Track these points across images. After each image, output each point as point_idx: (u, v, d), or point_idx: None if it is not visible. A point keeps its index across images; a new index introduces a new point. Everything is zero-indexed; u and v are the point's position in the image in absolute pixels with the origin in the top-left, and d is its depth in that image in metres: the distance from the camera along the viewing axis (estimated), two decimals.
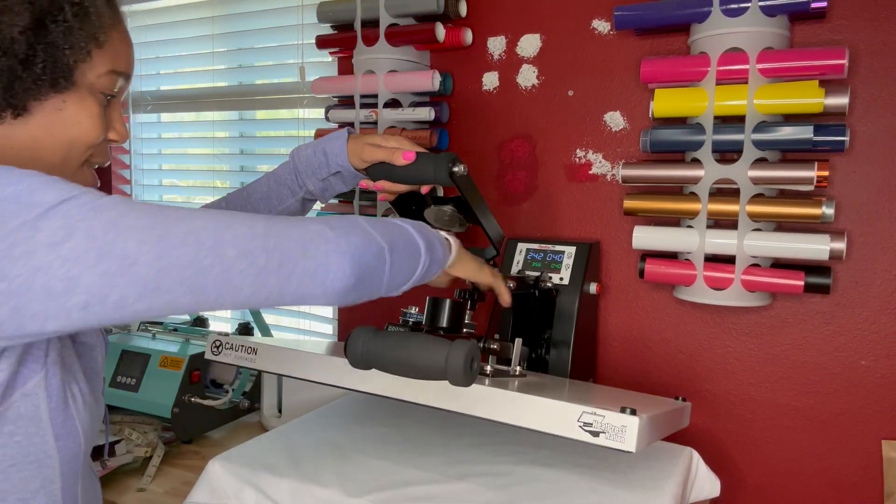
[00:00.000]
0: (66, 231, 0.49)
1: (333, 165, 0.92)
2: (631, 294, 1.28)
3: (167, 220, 0.52)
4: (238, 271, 0.54)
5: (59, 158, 0.66)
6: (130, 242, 0.50)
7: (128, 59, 0.70)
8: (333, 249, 0.59)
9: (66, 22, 0.62)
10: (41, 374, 0.60)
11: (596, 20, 1.27)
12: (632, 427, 0.73)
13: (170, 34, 1.88)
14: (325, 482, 0.92)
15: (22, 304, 0.49)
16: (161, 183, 2.03)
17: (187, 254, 0.52)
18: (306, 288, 0.58)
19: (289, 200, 0.95)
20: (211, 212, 0.56)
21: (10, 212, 0.49)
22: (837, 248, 1.03)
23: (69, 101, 0.64)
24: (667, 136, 1.13)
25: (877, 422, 1.12)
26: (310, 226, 0.60)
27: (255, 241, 0.55)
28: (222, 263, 0.53)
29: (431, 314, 0.93)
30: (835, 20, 1.09)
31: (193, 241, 0.52)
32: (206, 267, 0.53)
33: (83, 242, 0.49)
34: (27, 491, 0.61)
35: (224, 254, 0.53)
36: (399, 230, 0.69)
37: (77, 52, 0.63)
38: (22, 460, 0.60)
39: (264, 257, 0.55)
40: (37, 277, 0.48)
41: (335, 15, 1.40)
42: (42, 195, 0.50)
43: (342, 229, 0.61)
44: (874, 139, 1.09)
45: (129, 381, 1.45)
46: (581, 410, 0.75)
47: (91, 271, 0.49)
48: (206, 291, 0.53)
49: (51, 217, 0.49)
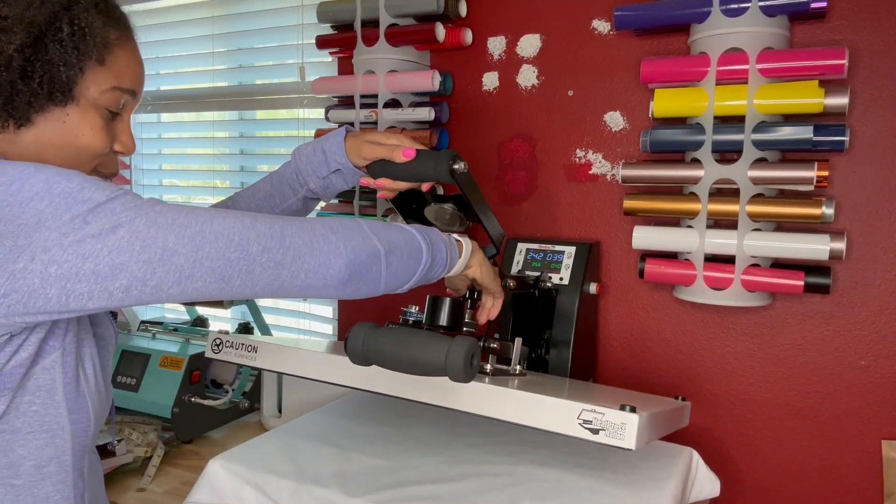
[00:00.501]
0: (113, 225, 0.57)
1: (333, 163, 0.93)
2: (631, 294, 1.28)
3: (201, 219, 0.61)
4: (259, 264, 0.63)
5: (66, 165, 0.68)
6: (170, 237, 0.59)
7: (134, 77, 0.73)
8: (333, 250, 0.68)
9: (62, 41, 0.66)
10: (59, 350, 0.67)
11: (596, 20, 1.27)
12: (631, 424, 0.73)
13: (170, 34, 1.88)
14: (325, 482, 0.92)
15: (70, 286, 0.57)
16: (161, 183, 2.03)
17: (218, 248, 0.61)
18: (311, 280, 0.67)
19: (291, 199, 0.97)
20: (236, 212, 0.64)
21: (62, 206, 0.56)
22: (837, 248, 1.03)
23: (72, 114, 0.68)
24: (667, 136, 1.13)
25: (877, 422, 1.12)
26: (316, 228, 0.68)
27: (273, 239, 0.64)
28: (247, 257, 0.63)
29: (431, 313, 0.93)
30: (835, 20, 1.09)
31: (224, 237, 0.62)
32: (233, 260, 0.62)
33: (128, 235, 0.57)
34: (42, 458, 0.68)
35: (249, 249, 0.63)
36: (401, 233, 0.76)
37: (73, 69, 0.67)
38: (38, 429, 0.67)
39: (280, 254, 0.64)
40: (86, 263, 0.56)
41: (335, 15, 1.40)
42: (91, 193, 0.58)
43: (342, 233, 0.69)
44: (874, 139, 1.09)
45: (129, 381, 1.45)
46: (581, 408, 0.75)
47: (136, 259, 0.58)
48: (231, 280, 0.62)
49: (99, 212, 0.57)
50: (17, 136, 0.67)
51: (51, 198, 0.56)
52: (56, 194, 0.57)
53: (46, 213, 0.56)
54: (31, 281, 0.55)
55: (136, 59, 0.74)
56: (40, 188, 0.57)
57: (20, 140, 0.67)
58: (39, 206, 0.56)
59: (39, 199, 0.56)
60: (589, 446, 1.05)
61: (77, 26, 0.67)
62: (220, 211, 0.64)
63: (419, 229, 0.78)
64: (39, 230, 0.55)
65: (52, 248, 0.55)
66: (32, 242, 0.55)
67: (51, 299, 0.57)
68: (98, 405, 0.73)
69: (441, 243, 0.80)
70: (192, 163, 1.96)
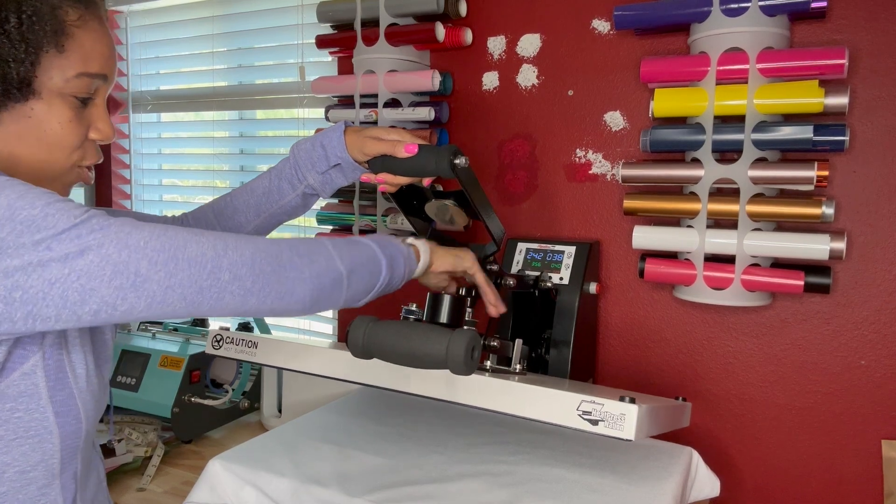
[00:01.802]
0: (80, 249, 0.56)
1: (332, 158, 0.92)
2: (631, 294, 1.28)
3: (173, 244, 0.61)
4: (229, 291, 0.64)
5: (40, 164, 0.66)
6: (143, 262, 0.58)
7: (101, 59, 0.68)
8: (298, 277, 0.69)
9: (9, 34, 0.61)
10: (38, 354, 0.65)
11: (596, 20, 1.27)
12: (631, 415, 0.72)
13: (170, 34, 1.88)
14: (325, 482, 0.92)
15: (37, 310, 0.56)
16: (161, 183, 2.03)
17: (191, 276, 0.61)
18: (276, 305, 0.69)
19: (290, 195, 0.96)
20: (208, 236, 0.64)
21: (24, 233, 0.55)
22: (837, 247, 1.03)
23: (37, 108, 0.65)
24: (667, 135, 1.13)
25: (877, 422, 1.12)
26: (283, 254, 0.69)
27: (244, 267, 0.65)
28: (218, 285, 0.63)
29: (432, 309, 0.93)
30: (835, 20, 1.09)
31: (197, 264, 0.61)
32: (204, 287, 0.62)
33: (97, 259, 0.56)
34: (27, 464, 0.66)
35: (220, 277, 0.63)
36: (363, 251, 0.77)
37: (24, 63, 0.62)
38: (23, 434, 0.65)
39: (250, 282, 0.65)
40: (53, 288, 0.55)
41: (335, 15, 1.40)
42: (55, 219, 0.56)
43: (308, 258, 0.71)
44: (874, 139, 1.09)
45: (129, 381, 1.45)
46: (580, 399, 0.75)
47: (106, 285, 0.57)
48: (200, 305, 0.63)
49: (63, 238, 0.56)
50: None
51: (12, 225, 0.54)
52: (18, 221, 0.55)
53: (8, 241, 0.54)
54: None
55: (101, 38, 0.68)
56: (1, 214, 0.55)
57: None
58: (1, 233, 0.54)
59: (0, 227, 0.54)
60: (589, 445, 1.05)
61: (25, 14, 0.62)
62: (193, 233, 0.63)
63: (380, 244, 0.79)
64: (2, 257, 0.54)
65: (14, 274, 0.54)
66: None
67: (16, 322, 0.56)
68: (91, 405, 0.71)
69: (400, 256, 0.81)
70: (192, 163, 1.96)
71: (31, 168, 0.66)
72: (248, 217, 0.97)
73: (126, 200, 2.04)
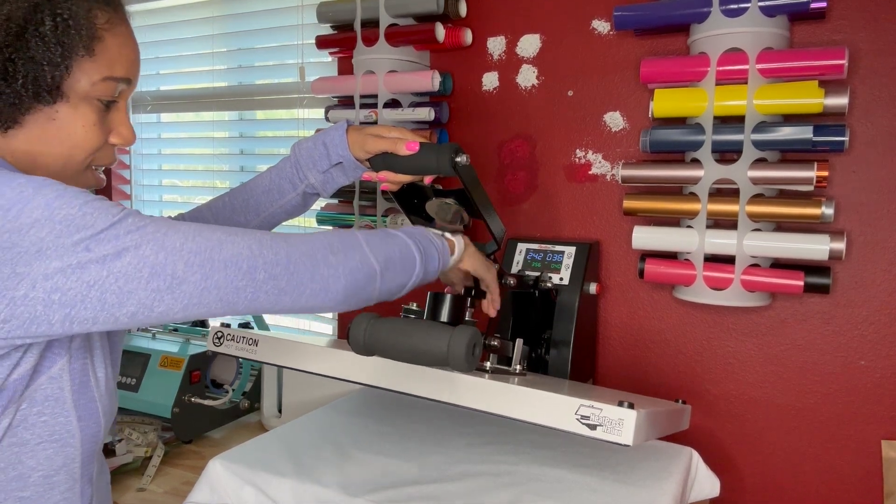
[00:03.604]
0: (117, 250, 0.56)
1: (334, 156, 0.92)
2: (631, 294, 1.28)
3: (209, 245, 0.61)
4: (264, 291, 0.64)
5: (59, 165, 0.66)
6: (179, 264, 0.59)
7: (127, 63, 0.68)
8: (332, 274, 0.69)
9: (45, 37, 0.61)
10: (65, 357, 0.65)
11: (596, 20, 1.27)
12: (629, 420, 0.73)
13: (170, 34, 1.88)
14: (325, 482, 0.92)
15: (74, 312, 0.56)
16: (161, 183, 2.03)
17: (227, 277, 0.62)
18: (310, 302, 0.69)
19: (290, 194, 0.95)
20: (243, 234, 0.64)
21: (64, 233, 0.55)
22: (837, 248, 1.03)
23: (62, 111, 0.65)
24: (666, 136, 1.13)
25: (877, 422, 1.12)
26: (318, 251, 0.69)
27: (279, 266, 0.65)
28: (254, 285, 0.63)
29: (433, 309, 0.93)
30: (835, 20, 1.09)
31: (233, 265, 0.62)
32: (240, 288, 0.63)
33: (135, 261, 0.57)
34: (51, 468, 0.66)
35: (255, 277, 0.63)
36: (398, 247, 0.76)
37: (58, 67, 0.62)
38: (48, 438, 0.65)
39: (285, 280, 0.65)
40: (91, 290, 0.56)
41: (335, 15, 1.40)
42: (94, 218, 0.56)
43: (342, 254, 0.70)
44: (874, 139, 1.09)
45: (129, 381, 1.45)
46: (579, 403, 0.75)
47: (144, 287, 0.57)
48: (236, 305, 0.63)
49: (101, 238, 0.56)
50: (6, 138, 0.64)
51: (52, 225, 0.55)
52: (57, 221, 0.55)
53: (47, 241, 0.54)
54: (34, 308, 0.55)
55: (128, 43, 0.68)
56: (40, 214, 0.55)
57: (9, 142, 0.64)
58: (40, 233, 0.54)
59: (40, 227, 0.54)
60: (589, 446, 1.05)
61: (60, 18, 0.62)
62: (228, 233, 0.63)
63: (415, 237, 0.78)
64: (40, 258, 0.54)
65: (54, 276, 0.54)
66: (33, 270, 0.54)
67: (53, 325, 0.56)
68: (108, 407, 0.72)
69: (433, 249, 0.80)
70: (192, 163, 1.96)
71: (49, 169, 0.66)
72: (248, 217, 0.96)
73: (126, 201, 2.04)
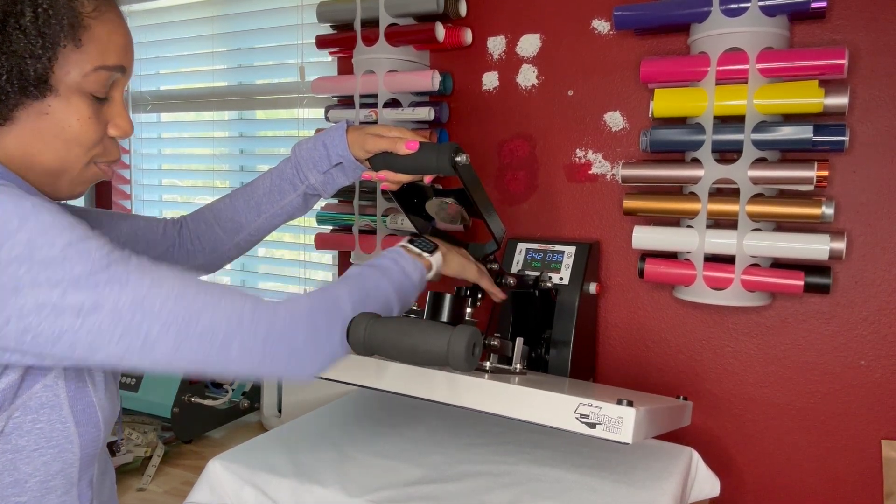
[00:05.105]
0: (94, 303, 0.56)
1: (334, 157, 0.92)
2: (631, 294, 1.28)
3: (189, 311, 0.60)
4: (236, 364, 0.63)
5: (56, 162, 0.65)
6: (154, 326, 0.58)
7: (119, 51, 0.66)
8: (310, 356, 0.68)
9: (25, 29, 0.59)
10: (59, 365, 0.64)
11: (596, 20, 1.27)
12: (628, 418, 0.73)
13: (170, 34, 1.88)
14: (325, 482, 0.92)
15: (45, 351, 0.57)
16: (161, 183, 2.03)
17: (200, 348, 0.60)
18: (282, 376, 0.68)
19: (290, 195, 0.95)
20: (229, 303, 0.62)
21: (41, 276, 0.54)
22: (837, 248, 1.03)
23: (54, 105, 0.63)
24: (667, 136, 1.13)
25: (877, 422, 1.12)
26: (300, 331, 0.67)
27: (255, 345, 0.64)
28: (226, 359, 0.62)
29: (433, 309, 0.93)
30: (835, 20, 1.09)
31: (208, 338, 0.60)
32: (211, 359, 0.62)
33: (109, 318, 0.56)
34: (48, 474, 0.65)
35: (229, 353, 0.62)
36: (378, 297, 0.76)
37: (41, 59, 0.60)
38: (45, 445, 0.64)
39: (258, 359, 0.64)
40: (63, 337, 0.56)
41: (335, 15, 1.40)
42: (73, 264, 0.55)
43: (325, 332, 0.70)
44: (874, 139, 1.09)
45: (129, 381, 1.45)
46: (578, 402, 0.75)
47: (115, 344, 0.57)
48: (206, 371, 0.63)
49: (80, 286, 0.55)
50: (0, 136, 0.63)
51: (30, 265, 0.54)
52: (36, 261, 0.54)
53: (25, 281, 0.54)
54: (6, 341, 0.55)
55: (118, 29, 0.66)
56: (20, 252, 0.54)
57: (3, 139, 0.63)
58: (18, 271, 0.53)
59: (18, 265, 0.54)
60: (589, 446, 1.05)
61: (41, 9, 0.59)
62: (211, 298, 0.61)
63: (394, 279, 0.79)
64: (16, 296, 0.54)
65: (28, 316, 0.54)
66: (8, 306, 0.54)
67: (25, 357, 0.57)
68: (108, 411, 0.71)
69: (409, 284, 0.80)
70: (192, 163, 1.96)
71: (48, 167, 0.65)
72: (249, 217, 0.96)
73: (126, 201, 2.04)
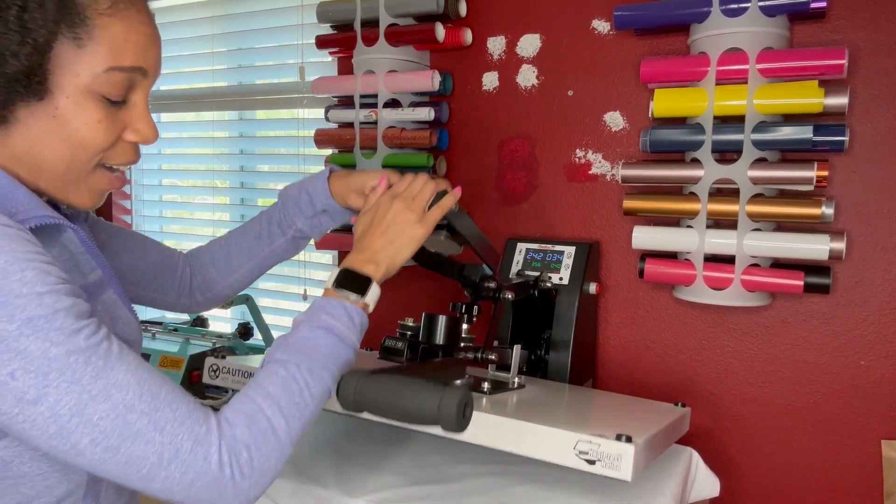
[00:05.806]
0: (36, 395, 0.53)
1: (318, 204, 0.92)
2: (631, 294, 1.28)
3: (123, 435, 0.56)
4: (156, 494, 0.59)
5: (62, 166, 0.62)
6: (85, 439, 0.55)
7: (138, 51, 0.62)
8: (238, 499, 0.61)
9: (8, 22, 0.55)
10: None
11: (596, 20, 1.27)
12: (627, 456, 0.75)
13: (170, 34, 1.88)
14: (325, 482, 0.92)
15: None
16: (161, 183, 2.03)
17: (121, 472, 0.57)
18: None
19: (279, 239, 0.95)
20: (167, 437, 0.57)
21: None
22: (837, 248, 1.03)
23: (62, 107, 0.59)
24: (666, 136, 1.13)
25: (877, 422, 1.12)
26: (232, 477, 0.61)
27: (179, 488, 0.59)
28: (146, 488, 0.58)
29: (428, 330, 0.93)
30: (835, 20, 1.09)
31: (133, 466, 0.57)
32: (132, 484, 0.58)
33: (46, 416, 0.54)
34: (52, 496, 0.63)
35: (150, 484, 0.58)
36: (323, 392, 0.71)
37: (18, 56, 0.56)
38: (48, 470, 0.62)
39: (180, 498, 0.59)
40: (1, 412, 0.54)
41: (335, 15, 1.40)
42: (28, 343, 0.53)
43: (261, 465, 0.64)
44: (874, 139, 1.09)
45: None
46: (577, 438, 0.77)
47: (44, 440, 0.55)
48: (125, 486, 0.59)
49: (29, 372, 0.53)
50: (6, 137, 0.60)
51: None
52: None
53: None
54: None
55: (136, 27, 0.62)
56: None
57: (8, 140, 0.60)
58: None
59: None
60: None
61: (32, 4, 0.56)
62: (156, 421, 0.57)
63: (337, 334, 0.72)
64: None
65: None
66: None
67: None
68: None
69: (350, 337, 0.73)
70: (192, 163, 1.96)
71: (53, 171, 0.63)
72: (241, 261, 0.96)
73: (126, 201, 2.04)
